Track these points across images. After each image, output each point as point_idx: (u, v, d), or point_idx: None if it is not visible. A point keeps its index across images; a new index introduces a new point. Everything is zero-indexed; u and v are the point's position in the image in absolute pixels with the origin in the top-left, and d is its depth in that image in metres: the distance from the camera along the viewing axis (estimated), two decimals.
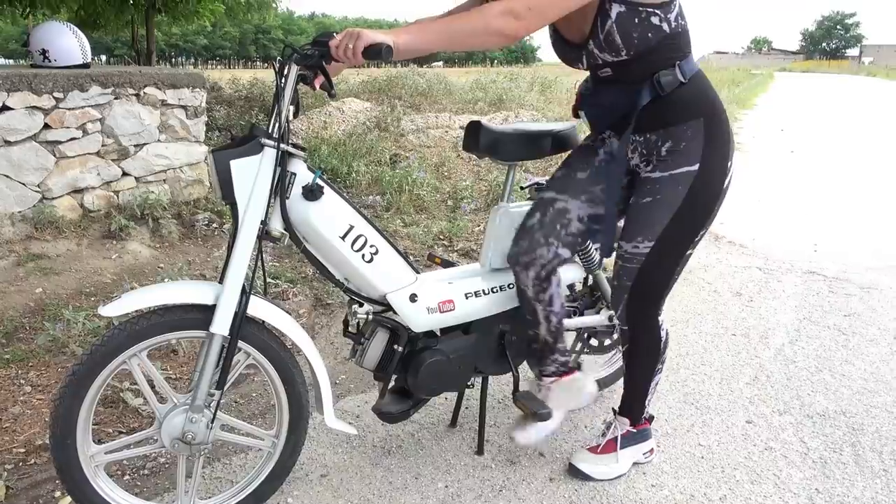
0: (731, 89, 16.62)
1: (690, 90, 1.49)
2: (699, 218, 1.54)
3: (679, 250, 1.58)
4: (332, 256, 1.61)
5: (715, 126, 1.51)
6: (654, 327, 1.70)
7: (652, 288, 1.62)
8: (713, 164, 1.50)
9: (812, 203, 5.21)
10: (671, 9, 1.42)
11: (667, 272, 1.60)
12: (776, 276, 3.50)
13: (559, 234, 1.63)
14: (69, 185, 3.49)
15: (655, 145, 1.54)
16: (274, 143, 1.45)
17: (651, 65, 1.46)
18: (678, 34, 1.46)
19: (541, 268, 1.63)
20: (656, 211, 1.53)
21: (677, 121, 1.50)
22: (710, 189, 1.52)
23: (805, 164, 7.07)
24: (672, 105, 1.49)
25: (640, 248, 1.56)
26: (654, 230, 1.53)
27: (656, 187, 1.54)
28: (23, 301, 2.84)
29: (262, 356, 1.57)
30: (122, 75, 3.63)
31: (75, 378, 1.41)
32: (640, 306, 1.65)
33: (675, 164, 1.51)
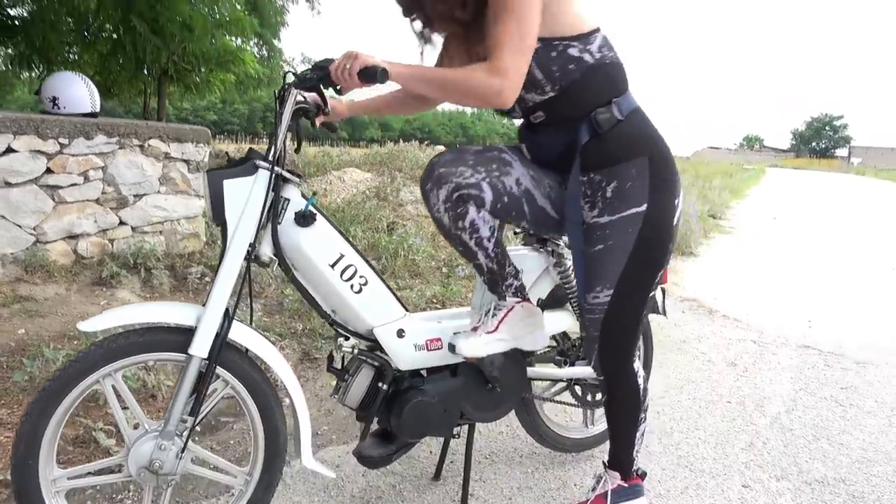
0: (725, 179, 17.02)
1: (631, 128, 1.48)
2: (654, 258, 1.51)
3: (640, 294, 1.53)
4: (320, 285, 1.59)
5: (660, 165, 1.48)
6: (629, 376, 1.65)
7: (620, 335, 1.57)
8: (661, 203, 1.48)
9: (805, 282, 5.23)
10: (591, 40, 1.42)
11: (632, 318, 1.55)
12: (771, 349, 3.46)
13: (491, 171, 1.48)
14: (65, 230, 3.49)
15: (600, 186, 1.50)
16: (268, 166, 1.46)
17: (582, 102, 1.44)
18: (605, 66, 1.44)
19: (455, 188, 1.44)
20: (610, 258, 1.49)
21: (621, 159, 1.47)
22: (661, 228, 1.49)
23: (797, 247, 7.14)
24: (614, 143, 1.47)
25: (600, 297, 1.52)
26: (611, 278, 1.49)
27: (606, 233, 1.50)
28: (3, 341, 2.78)
29: (241, 385, 1.52)
30: (129, 126, 3.71)
31: (45, 394, 1.35)
32: (610, 356, 1.59)
33: (623, 206, 1.48)
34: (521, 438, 2.29)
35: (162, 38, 7.37)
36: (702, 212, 8.49)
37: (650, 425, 2.44)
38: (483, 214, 1.50)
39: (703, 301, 4.44)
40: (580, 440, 2.18)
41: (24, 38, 7.91)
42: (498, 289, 1.66)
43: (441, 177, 1.44)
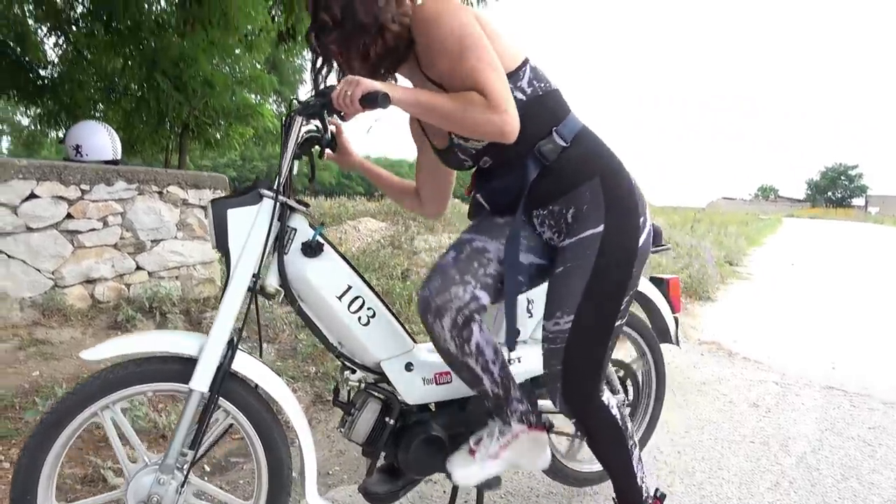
0: (741, 227, 16.92)
1: (578, 151, 1.44)
2: (617, 282, 1.42)
3: (605, 321, 1.44)
4: (327, 317, 1.57)
5: (612, 182, 1.43)
6: (599, 409, 1.52)
7: (584, 367, 1.46)
8: (618, 223, 1.41)
9: (827, 326, 5.11)
10: (519, 76, 1.40)
11: (595, 347, 1.45)
12: (794, 390, 3.36)
13: (476, 272, 1.45)
14: (83, 274, 3.54)
15: (561, 214, 1.46)
16: (272, 195, 1.46)
17: (526, 137, 1.39)
18: (538, 99, 1.42)
19: (456, 313, 1.41)
20: (568, 280, 1.43)
21: (573, 185, 1.43)
22: (622, 249, 1.41)
23: (817, 292, 7.02)
24: (563, 171, 1.43)
25: (560, 324, 1.43)
26: (571, 302, 1.41)
27: (566, 255, 1.44)
28: (17, 382, 2.79)
29: (244, 417, 1.49)
30: (148, 173, 3.80)
31: (43, 428, 1.34)
32: (576, 390, 1.48)
33: (581, 228, 1.43)
34: (538, 478, 2.22)
35: (184, 94, 7.61)
36: (718, 257, 8.41)
37: (672, 465, 2.36)
38: (486, 335, 1.47)
39: (722, 344, 4.35)
40: (595, 473, 2.11)
41: (52, 97, 8.22)
42: (503, 414, 1.57)
43: (440, 308, 1.42)
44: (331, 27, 1.40)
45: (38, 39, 8.59)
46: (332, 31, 1.41)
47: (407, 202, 1.86)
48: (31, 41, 8.30)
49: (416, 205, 1.85)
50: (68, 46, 8.27)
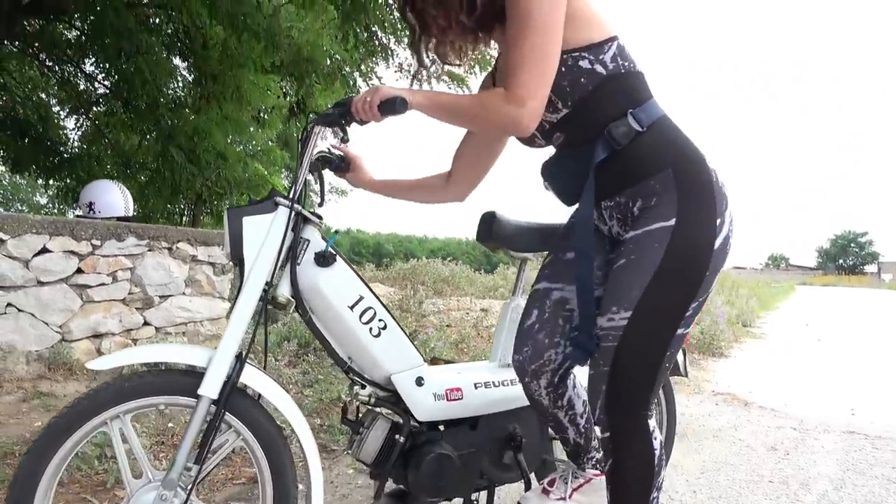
0: (753, 289, 16.82)
1: (652, 139, 1.30)
2: (686, 283, 1.26)
3: (666, 325, 1.26)
4: (338, 328, 1.56)
5: (688, 175, 1.29)
6: (643, 431, 1.30)
7: (635, 373, 1.27)
8: (693, 217, 1.26)
9: (844, 376, 5.00)
10: (603, 50, 1.29)
11: (652, 353, 1.27)
12: (813, 434, 3.25)
13: (563, 330, 1.44)
14: (90, 328, 3.55)
15: (627, 207, 1.34)
16: (288, 203, 1.49)
17: (598, 116, 1.31)
18: (620, 76, 1.30)
19: (553, 374, 1.46)
20: (631, 274, 1.27)
21: (642, 176, 1.30)
22: (695, 247, 1.25)
23: (832, 348, 6.89)
24: (633, 159, 1.31)
25: (615, 320, 1.27)
26: (630, 297, 1.26)
27: (630, 247, 1.30)
28: (19, 432, 2.75)
29: (252, 435, 1.47)
30: (159, 230, 3.87)
31: (50, 431, 1.32)
32: (622, 399, 1.28)
33: (649, 220, 1.29)
34: None
35: (198, 166, 7.82)
36: (730, 315, 8.33)
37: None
38: (577, 390, 1.56)
39: (737, 395, 4.25)
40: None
41: (70, 173, 8.47)
42: (579, 460, 1.64)
43: (536, 371, 1.48)
44: None
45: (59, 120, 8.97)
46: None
47: (431, 195, 1.76)
48: (52, 121, 8.66)
49: (442, 192, 1.74)
50: (88, 125, 8.59)
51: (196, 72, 7.73)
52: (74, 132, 9.09)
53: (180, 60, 8.21)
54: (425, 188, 1.77)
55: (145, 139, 8.00)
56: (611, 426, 1.30)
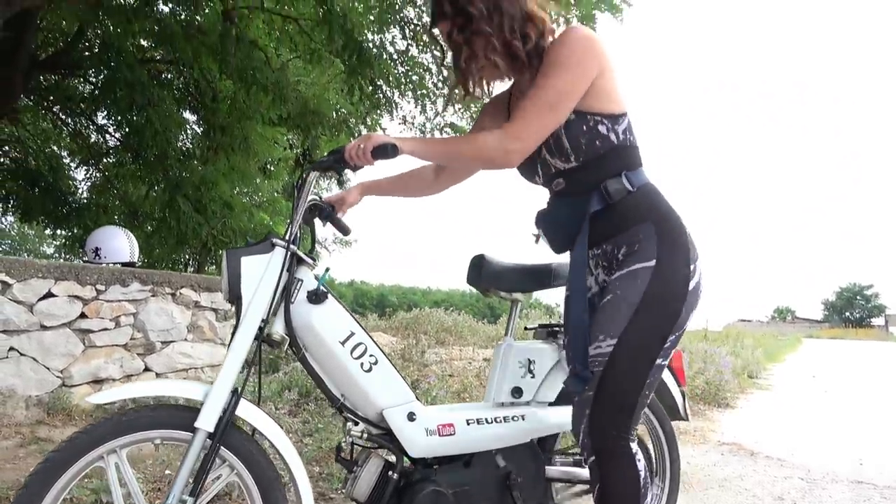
0: (759, 340, 16.66)
1: (639, 198, 1.49)
2: (664, 317, 1.40)
3: (647, 353, 1.39)
4: (330, 364, 1.59)
5: (667, 228, 1.46)
6: (627, 454, 1.39)
7: (620, 398, 1.38)
8: (671, 262, 1.42)
9: (852, 427, 4.91)
10: (620, 122, 1.48)
11: (634, 379, 1.39)
12: (820, 484, 3.19)
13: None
14: (91, 374, 3.55)
15: (613, 254, 1.50)
16: (284, 244, 1.55)
17: (600, 173, 1.48)
18: (626, 147, 1.50)
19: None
20: (616, 307, 1.41)
21: (627, 226, 1.47)
22: (672, 287, 1.41)
23: (840, 399, 6.79)
24: (620, 212, 1.48)
25: (602, 347, 1.40)
26: (616, 327, 1.39)
27: (616, 284, 1.44)
28: (14, 476, 2.73)
29: (246, 469, 1.48)
30: (163, 275, 3.91)
31: (48, 465, 1.33)
32: (607, 422, 1.38)
33: (632, 262, 1.44)
34: None
35: (204, 216, 7.94)
36: (735, 366, 8.24)
37: None
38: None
39: (743, 444, 4.18)
40: None
41: (78, 223, 8.59)
42: None
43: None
44: (477, 18, 1.45)
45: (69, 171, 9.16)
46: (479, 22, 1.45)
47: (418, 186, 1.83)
48: (63, 172, 8.85)
49: (427, 186, 1.83)
50: (98, 175, 8.77)
51: (205, 124, 7.93)
52: (84, 183, 9.28)
53: (190, 113, 8.44)
54: (414, 180, 1.83)
55: (153, 189, 8.15)
56: (595, 448, 1.40)
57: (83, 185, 9.21)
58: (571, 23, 5.11)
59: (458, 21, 1.48)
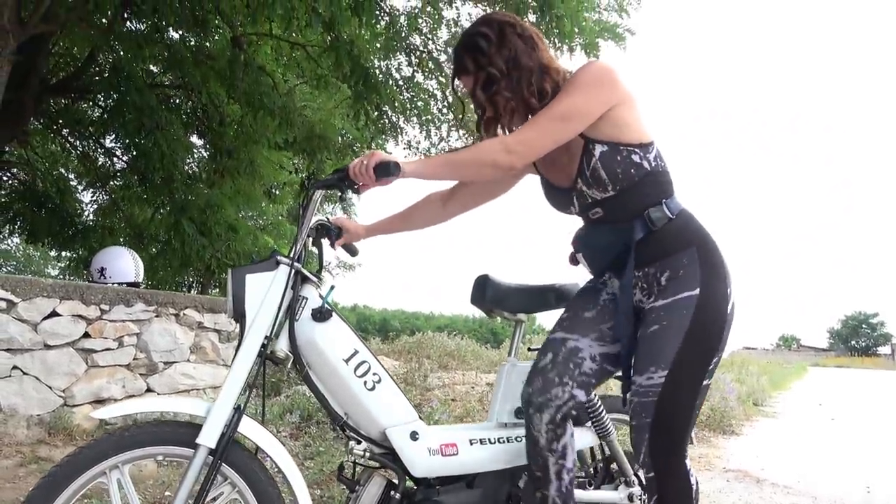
0: (764, 367, 16.54)
1: (680, 223, 1.56)
2: (710, 342, 1.49)
3: (695, 378, 1.49)
4: (333, 383, 1.59)
5: (709, 252, 1.54)
6: (682, 470, 1.51)
7: (673, 421, 1.49)
8: (713, 287, 1.51)
9: (859, 453, 4.85)
10: (650, 150, 1.55)
11: (686, 403, 1.49)
12: None
13: (573, 373, 1.59)
14: (93, 393, 3.55)
15: (655, 277, 1.56)
16: (289, 262, 1.56)
17: (638, 201, 1.55)
18: (659, 173, 1.57)
19: (556, 410, 1.55)
20: (665, 338, 1.49)
21: (671, 251, 1.54)
22: (716, 312, 1.50)
23: (847, 427, 6.72)
24: (664, 238, 1.55)
25: (654, 378, 1.48)
26: (666, 358, 1.47)
27: (661, 315, 1.52)
28: (14, 496, 2.71)
29: (247, 486, 1.47)
30: (167, 296, 3.92)
31: (50, 480, 1.33)
32: (664, 444, 1.49)
33: (677, 290, 1.52)
34: None
35: (209, 238, 7.97)
36: (740, 392, 8.17)
37: None
38: (573, 441, 1.61)
39: (749, 471, 4.13)
40: None
41: (83, 244, 8.64)
42: None
43: (541, 404, 1.57)
44: (499, 78, 1.54)
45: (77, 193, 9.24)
46: (502, 81, 1.55)
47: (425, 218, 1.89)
48: (70, 194, 8.92)
49: (434, 214, 1.87)
50: (105, 198, 8.84)
51: (212, 147, 8.01)
52: (90, 205, 9.34)
53: (197, 138, 8.54)
54: (421, 212, 1.88)
55: (159, 212, 8.20)
56: (655, 468, 1.50)
57: (89, 208, 9.28)
58: (575, 51, 5.19)
59: (480, 77, 1.57)
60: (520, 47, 1.55)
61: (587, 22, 5.07)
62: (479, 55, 1.55)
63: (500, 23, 1.58)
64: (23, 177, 8.73)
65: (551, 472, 1.57)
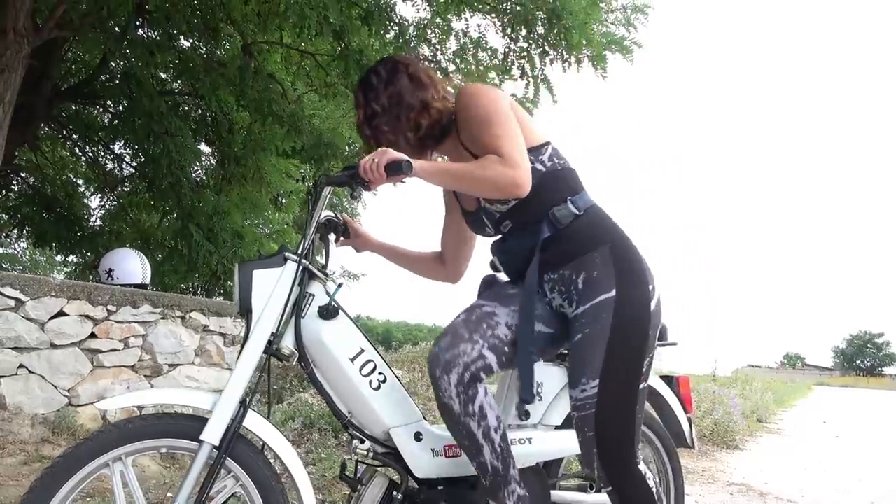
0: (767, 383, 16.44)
1: (589, 220, 1.56)
2: (636, 343, 1.48)
3: (629, 384, 1.48)
4: (339, 381, 1.59)
5: (622, 250, 1.53)
6: (637, 477, 1.50)
7: (617, 432, 1.48)
8: (630, 286, 1.50)
9: (863, 469, 4.82)
10: (541, 151, 1.57)
11: (625, 411, 1.48)
12: None
13: (485, 333, 1.52)
14: (97, 394, 3.56)
15: (571, 279, 1.54)
16: (296, 258, 1.57)
17: (541, 203, 1.55)
18: (557, 172, 1.58)
19: (464, 368, 1.45)
20: (590, 346, 1.48)
21: (583, 250, 1.53)
22: (636, 312, 1.49)
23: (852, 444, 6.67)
24: (574, 236, 1.54)
25: (587, 390, 1.47)
26: (594, 367, 1.46)
27: (582, 322, 1.50)
28: (17, 493, 2.72)
29: (251, 481, 1.48)
30: (173, 298, 3.95)
31: (54, 470, 1.34)
32: (613, 456, 1.48)
33: (594, 293, 1.50)
34: None
35: (215, 245, 8.01)
36: (744, 408, 8.13)
37: None
38: (489, 399, 1.51)
39: (752, 485, 4.11)
40: None
41: (90, 249, 8.68)
42: (499, 495, 1.52)
43: (448, 363, 1.47)
44: (380, 113, 1.61)
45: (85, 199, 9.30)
46: (383, 116, 1.61)
47: (427, 270, 1.94)
48: (78, 198, 8.98)
49: (436, 270, 1.93)
50: (112, 203, 8.90)
51: (220, 154, 8.06)
52: (98, 210, 9.40)
53: (206, 145, 8.59)
54: (425, 262, 1.95)
55: (166, 218, 8.25)
56: (611, 482, 1.49)
57: (97, 213, 9.33)
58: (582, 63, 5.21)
59: (367, 111, 1.64)
60: (404, 86, 1.61)
61: (595, 34, 5.10)
62: (368, 90, 1.63)
63: (394, 63, 1.66)
64: (32, 181, 8.79)
65: (479, 437, 1.48)
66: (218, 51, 6.98)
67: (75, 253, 8.89)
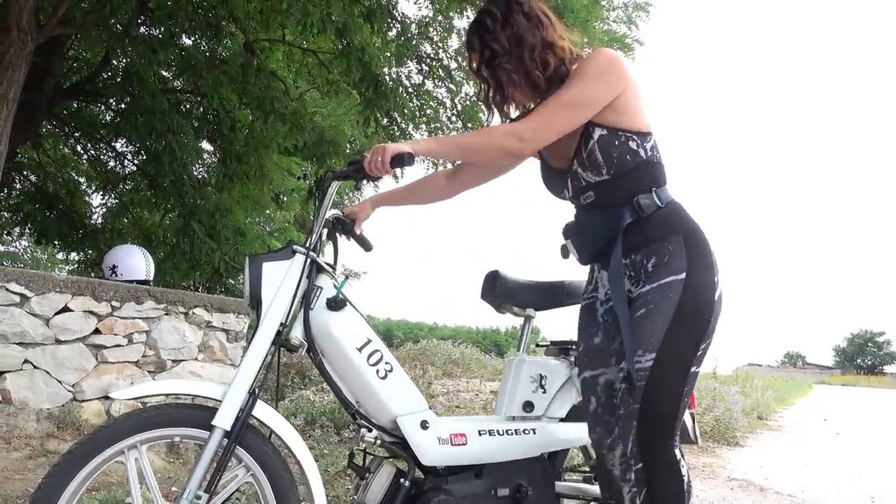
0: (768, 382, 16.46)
1: (668, 213, 1.57)
2: (697, 326, 1.48)
3: (683, 364, 1.47)
4: (346, 370, 1.62)
5: (695, 240, 1.54)
6: (673, 461, 1.47)
7: (662, 408, 1.45)
8: (699, 273, 1.50)
9: (864, 465, 4.84)
10: (647, 139, 1.57)
11: (675, 389, 1.46)
12: None
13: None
14: (101, 389, 3.58)
15: (641, 264, 1.56)
16: (305, 251, 1.59)
17: (630, 187, 1.56)
18: (654, 163, 1.58)
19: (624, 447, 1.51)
20: (651, 321, 1.48)
21: (658, 238, 1.54)
22: (702, 297, 1.48)
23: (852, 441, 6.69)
24: (652, 225, 1.55)
25: (641, 361, 1.45)
26: (653, 341, 1.45)
27: (647, 299, 1.51)
28: (22, 487, 2.74)
29: (261, 470, 1.50)
30: (177, 294, 3.96)
31: (70, 457, 1.36)
32: (653, 433, 1.45)
33: (663, 274, 1.51)
34: None
35: (217, 242, 8.03)
36: (745, 405, 8.14)
37: None
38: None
39: (753, 481, 4.12)
40: None
41: (91, 246, 8.70)
42: None
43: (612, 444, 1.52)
44: (501, 53, 1.57)
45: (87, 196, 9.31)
46: (504, 56, 1.57)
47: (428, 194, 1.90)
48: (80, 196, 8.99)
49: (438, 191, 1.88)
50: (114, 201, 8.92)
51: (222, 152, 8.07)
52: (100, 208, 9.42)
53: (208, 142, 8.61)
54: (426, 187, 1.90)
55: (168, 215, 8.26)
56: (643, 459, 1.46)
57: (99, 210, 9.35)
58: None
59: (484, 54, 1.60)
60: (523, 24, 1.57)
61: (597, 32, 5.12)
62: (484, 33, 1.58)
63: (506, 2, 1.59)
64: (34, 178, 8.81)
65: (626, 498, 1.50)
66: (220, 48, 7.00)
67: (77, 251, 8.90)
